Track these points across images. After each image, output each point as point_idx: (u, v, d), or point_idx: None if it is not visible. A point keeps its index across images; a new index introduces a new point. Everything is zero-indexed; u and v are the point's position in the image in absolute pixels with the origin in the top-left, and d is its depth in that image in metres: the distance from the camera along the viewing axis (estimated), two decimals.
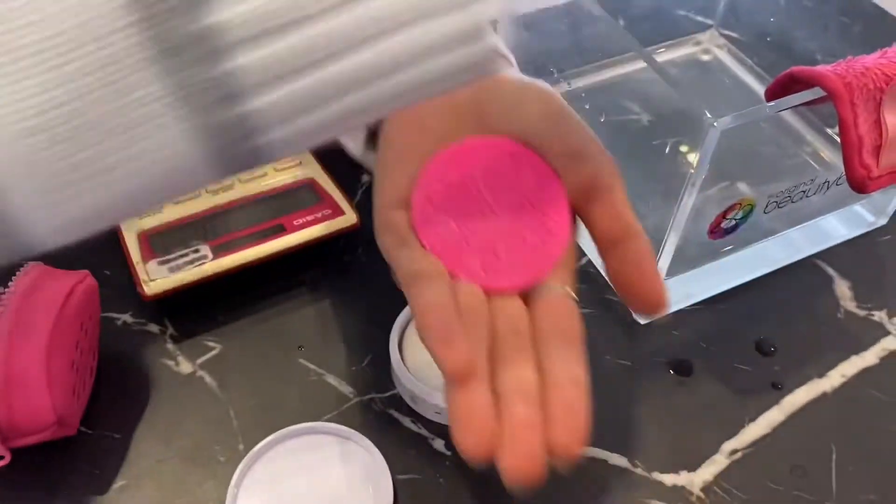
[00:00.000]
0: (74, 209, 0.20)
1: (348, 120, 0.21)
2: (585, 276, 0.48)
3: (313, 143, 0.22)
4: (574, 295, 0.31)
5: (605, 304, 0.47)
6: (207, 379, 0.43)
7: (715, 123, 0.34)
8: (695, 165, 0.36)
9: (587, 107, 0.49)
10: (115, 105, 0.19)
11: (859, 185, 0.38)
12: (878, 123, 0.37)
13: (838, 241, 0.50)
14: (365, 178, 0.53)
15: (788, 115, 0.50)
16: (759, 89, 0.56)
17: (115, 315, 0.45)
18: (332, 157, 0.53)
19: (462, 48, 0.21)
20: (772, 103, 0.36)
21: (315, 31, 0.19)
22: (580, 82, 0.52)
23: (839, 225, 0.50)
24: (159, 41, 0.18)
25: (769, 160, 0.46)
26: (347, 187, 0.52)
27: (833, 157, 0.48)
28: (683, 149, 0.45)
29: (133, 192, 0.21)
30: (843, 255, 0.50)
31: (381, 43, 0.20)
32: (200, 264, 0.44)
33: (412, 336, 0.42)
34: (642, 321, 0.46)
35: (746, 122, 0.36)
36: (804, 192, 0.43)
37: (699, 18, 0.61)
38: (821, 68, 0.36)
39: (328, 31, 0.19)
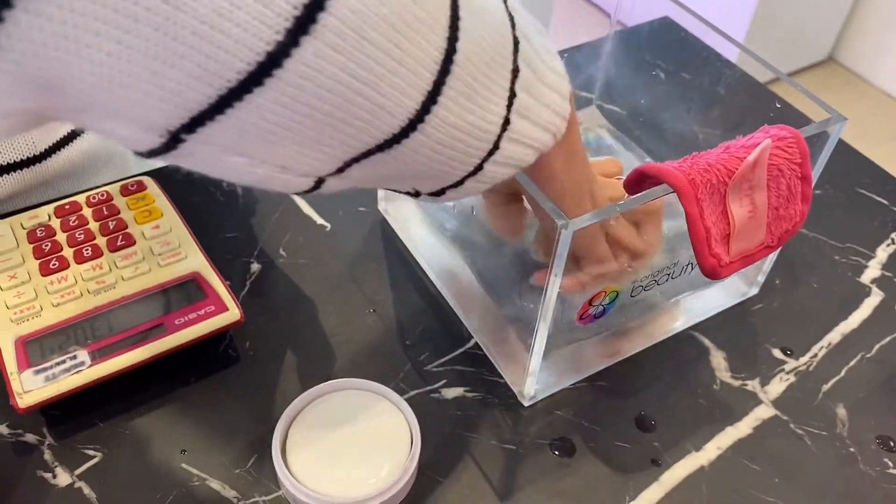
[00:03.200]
0: None
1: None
2: (472, 359, 0.49)
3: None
4: None
5: (490, 385, 0.48)
6: (86, 490, 0.42)
7: (566, 227, 0.36)
8: (553, 259, 0.38)
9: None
10: None
11: (711, 273, 0.40)
12: (725, 214, 0.40)
13: (713, 312, 0.52)
14: (254, 267, 0.53)
15: None
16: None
17: None
18: (219, 249, 0.53)
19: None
20: (622, 202, 0.38)
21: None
22: None
23: (713, 296, 0.52)
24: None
25: None
26: (235, 279, 0.52)
27: None
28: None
29: None
30: (718, 325, 0.52)
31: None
32: (78, 371, 0.43)
33: (295, 436, 0.42)
34: (525, 402, 0.47)
35: (599, 220, 0.37)
36: (668, 274, 0.45)
37: (583, 94, 0.63)
38: (667, 166, 0.38)
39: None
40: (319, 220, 0.57)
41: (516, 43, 0.31)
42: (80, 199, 0.53)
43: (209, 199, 0.58)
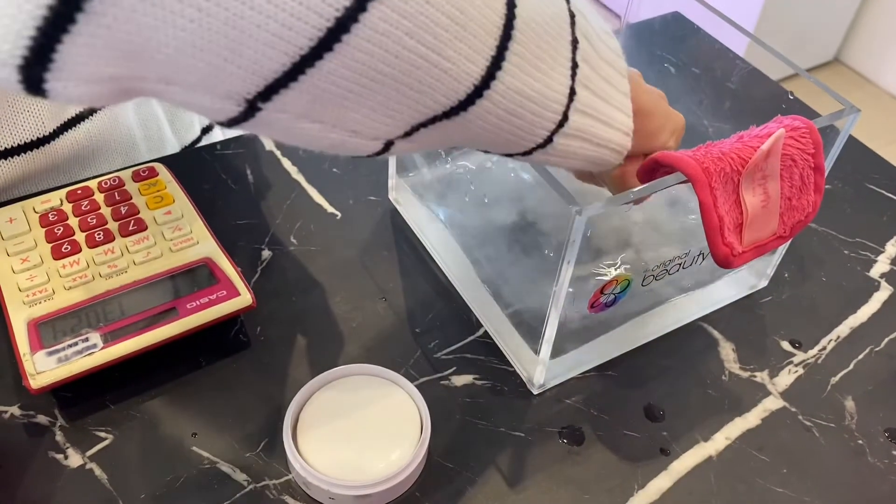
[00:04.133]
0: None
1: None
2: (481, 347, 0.49)
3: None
4: None
5: (499, 373, 0.48)
6: (97, 472, 0.42)
7: (580, 212, 0.36)
8: (566, 247, 0.38)
9: (473, 187, 0.51)
10: None
11: (723, 262, 0.40)
12: (738, 203, 0.40)
13: (722, 303, 0.52)
14: (265, 254, 0.53)
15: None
16: None
17: (1, 408, 0.44)
18: (231, 235, 0.53)
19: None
20: (635, 189, 0.38)
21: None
22: (462, 161, 0.53)
23: (723, 288, 0.52)
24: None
25: (649, 233, 0.48)
26: (246, 265, 0.52)
27: None
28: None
29: None
30: (728, 317, 0.52)
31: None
32: (90, 353, 0.43)
33: (306, 421, 0.42)
34: (535, 391, 0.47)
35: (612, 207, 0.37)
36: (680, 264, 0.45)
37: None
38: (681, 154, 0.38)
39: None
40: (330, 209, 0.57)
41: (573, 16, 0.32)
42: (92, 184, 0.53)
43: (220, 186, 0.58)
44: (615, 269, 0.42)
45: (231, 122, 0.27)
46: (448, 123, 0.30)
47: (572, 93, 0.32)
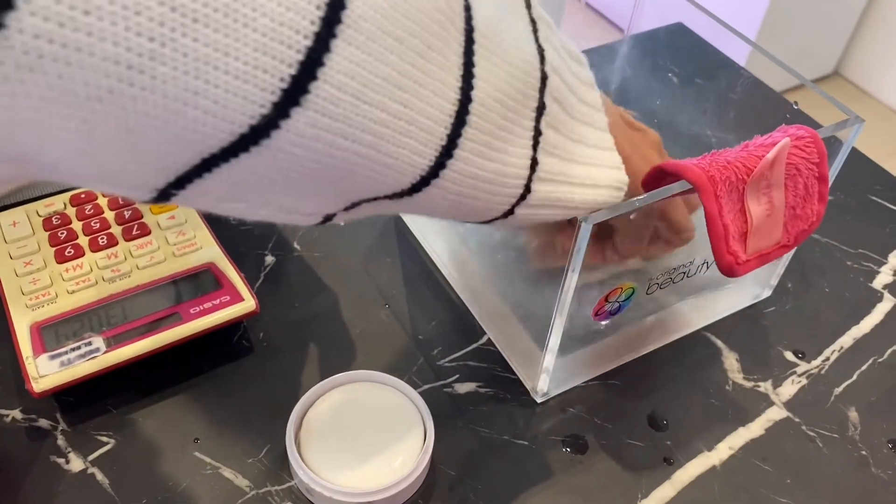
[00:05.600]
0: None
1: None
2: (485, 355, 0.49)
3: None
4: None
5: (503, 382, 0.48)
6: (99, 476, 0.42)
7: (586, 220, 0.36)
8: (571, 254, 0.38)
9: None
10: None
11: (728, 271, 0.40)
12: (743, 212, 0.40)
13: (726, 313, 0.52)
14: (268, 260, 0.53)
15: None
16: None
17: (2, 412, 0.44)
18: (234, 241, 0.53)
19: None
20: (642, 196, 0.38)
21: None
22: None
23: (727, 297, 0.52)
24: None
25: None
26: (249, 271, 0.52)
27: None
28: None
29: None
30: (731, 327, 0.52)
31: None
32: (93, 357, 0.43)
33: (309, 426, 0.42)
34: (538, 399, 0.47)
35: (617, 215, 0.37)
36: (684, 273, 0.45)
37: None
38: (686, 162, 0.38)
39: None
40: None
41: (544, 79, 0.29)
42: None
43: None
44: (619, 278, 0.42)
45: (145, 202, 0.25)
46: (393, 203, 0.28)
47: (534, 163, 0.30)
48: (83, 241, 0.50)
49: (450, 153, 0.26)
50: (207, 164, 0.22)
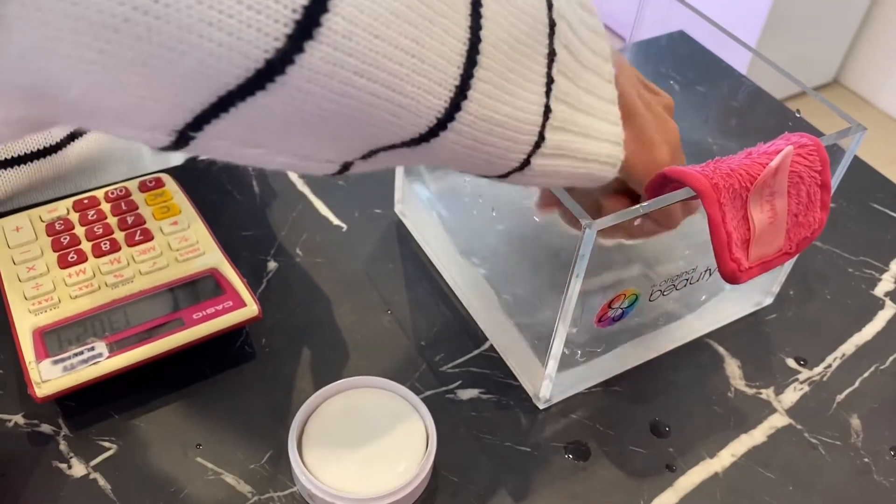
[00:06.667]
0: None
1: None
2: (487, 361, 0.49)
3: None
4: None
5: (505, 388, 0.48)
6: (101, 482, 0.42)
7: (590, 226, 0.36)
8: (574, 261, 0.38)
9: (480, 200, 0.51)
10: None
11: (731, 278, 0.40)
12: (746, 219, 0.40)
13: (728, 320, 0.52)
14: (271, 266, 0.53)
15: None
16: None
17: (5, 417, 0.44)
18: (237, 246, 0.53)
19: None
20: (645, 203, 0.38)
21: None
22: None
23: (729, 304, 0.52)
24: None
25: (658, 248, 0.48)
26: (251, 276, 0.52)
27: None
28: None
29: None
30: (733, 334, 0.52)
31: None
32: (95, 363, 0.43)
33: (312, 432, 0.42)
34: (540, 405, 0.47)
35: (621, 221, 0.37)
36: (687, 280, 0.45)
37: None
38: (690, 169, 0.38)
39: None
40: (336, 221, 0.57)
41: (552, 25, 0.29)
42: (99, 193, 0.53)
43: (227, 198, 0.58)
44: (623, 284, 0.42)
45: (165, 149, 0.25)
46: (410, 150, 0.28)
47: (547, 110, 0.30)
48: (86, 246, 0.50)
49: (464, 93, 0.26)
50: (224, 103, 0.23)
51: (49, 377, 0.42)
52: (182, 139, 0.24)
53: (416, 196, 0.55)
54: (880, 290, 0.56)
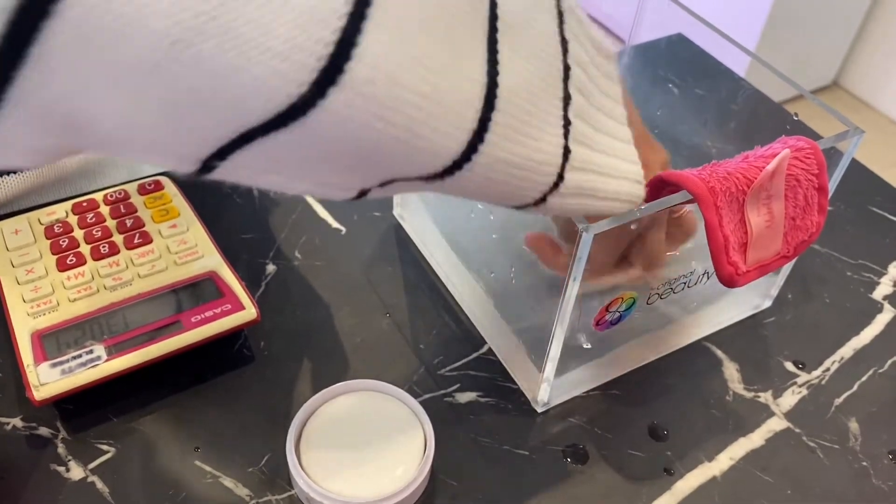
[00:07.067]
0: None
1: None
2: (485, 364, 0.49)
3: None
4: None
5: (503, 391, 0.48)
6: (99, 485, 0.42)
7: (587, 229, 0.36)
8: (572, 264, 0.38)
9: (480, 206, 0.51)
10: None
11: (728, 281, 0.40)
12: (743, 222, 0.40)
13: (726, 323, 0.52)
14: (269, 268, 0.53)
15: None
16: None
17: (3, 420, 0.44)
18: (235, 249, 0.53)
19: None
20: (642, 206, 0.38)
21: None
22: None
23: (727, 308, 0.52)
24: None
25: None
26: (250, 279, 0.52)
27: None
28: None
29: None
30: (731, 337, 0.52)
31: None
32: (94, 366, 0.43)
33: (310, 435, 0.42)
34: (539, 409, 0.47)
35: (619, 224, 0.37)
36: (684, 283, 0.45)
37: None
38: (686, 173, 0.39)
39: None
40: (335, 224, 0.57)
41: (567, 70, 0.30)
42: (98, 196, 0.53)
43: (226, 201, 0.58)
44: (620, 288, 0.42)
45: (191, 176, 0.26)
46: (426, 184, 0.29)
47: (567, 151, 0.31)
48: (85, 249, 0.50)
49: (481, 137, 0.27)
50: (246, 137, 0.23)
51: (47, 380, 0.42)
52: (206, 168, 0.25)
53: (415, 200, 0.55)
54: (879, 293, 0.56)
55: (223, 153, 0.24)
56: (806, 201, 0.42)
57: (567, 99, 0.30)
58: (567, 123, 0.30)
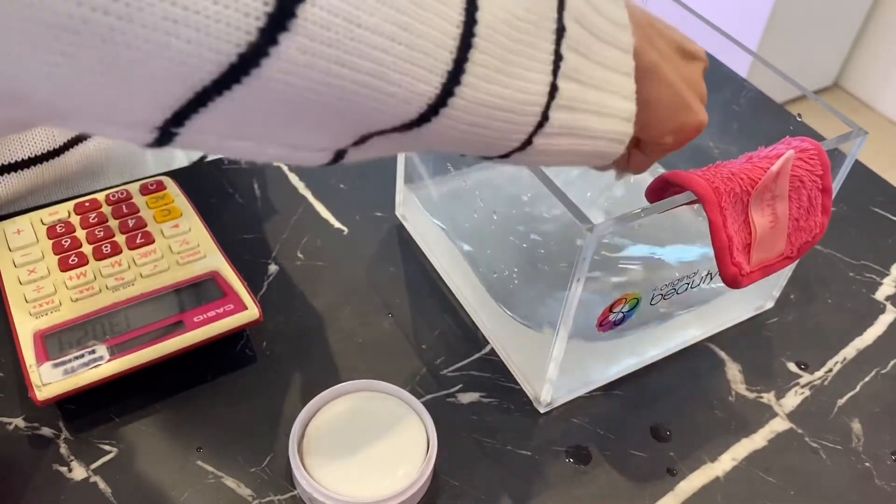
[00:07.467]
0: None
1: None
2: (488, 364, 0.49)
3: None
4: None
5: (506, 391, 0.48)
6: (101, 485, 0.42)
7: (591, 229, 0.36)
8: (576, 264, 0.38)
9: (482, 203, 0.51)
10: None
11: (732, 282, 0.40)
12: (747, 223, 0.40)
13: (729, 324, 0.52)
14: (271, 269, 0.53)
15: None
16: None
17: (5, 420, 0.44)
18: (238, 249, 0.53)
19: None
20: (646, 207, 0.38)
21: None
22: (473, 176, 0.53)
23: (730, 308, 0.52)
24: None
25: (660, 252, 0.48)
26: (252, 280, 0.52)
27: None
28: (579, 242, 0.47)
29: None
30: (734, 338, 0.52)
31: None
32: (96, 366, 0.43)
33: (312, 436, 0.42)
34: (541, 409, 0.47)
35: (622, 224, 0.37)
36: (688, 283, 0.45)
37: None
38: (691, 173, 0.39)
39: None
40: (337, 224, 0.57)
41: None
42: (100, 196, 0.53)
43: (228, 201, 0.58)
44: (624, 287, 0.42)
45: (151, 146, 0.24)
46: (403, 136, 0.27)
47: (553, 89, 0.28)
48: (87, 249, 0.50)
49: (457, 79, 0.25)
50: (201, 98, 0.22)
51: (49, 380, 0.42)
52: (165, 136, 0.23)
53: (417, 199, 0.55)
54: (881, 294, 0.56)
55: (179, 118, 0.22)
56: (810, 202, 0.42)
57: (561, 31, 0.28)
58: (558, 58, 0.28)
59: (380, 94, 0.24)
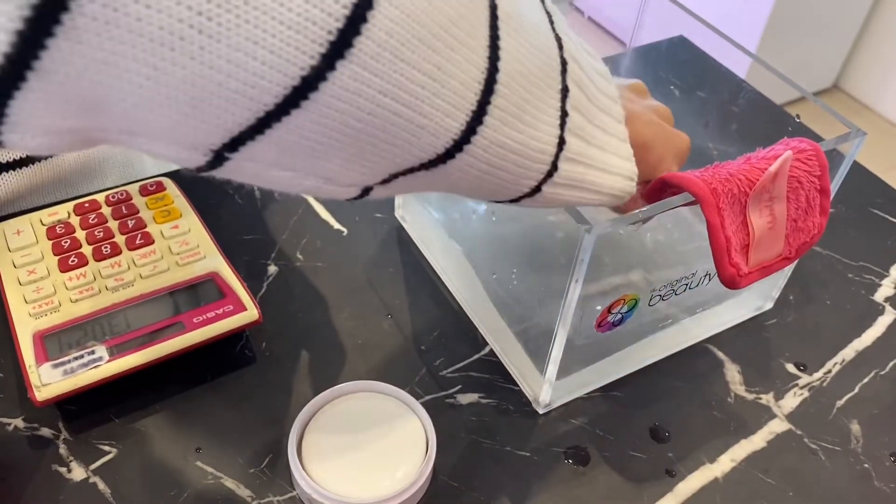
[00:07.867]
0: None
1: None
2: (487, 365, 0.49)
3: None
4: None
5: (505, 392, 0.48)
6: (101, 486, 0.42)
7: (590, 231, 0.36)
8: (575, 265, 0.38)
9: (481, 205, 0.51)
10: None
11: (730, 283, 0.40)
12: (745, 224, 0.40)
13: (728, 325, 0.52)
14: (271, 270, 0.53)
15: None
16: None
17: (5, 420, 0.44)
18: (237, 250, 0.53)
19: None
20: (644, 208, 0.38)
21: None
22: None
23: (728, 309, 0.52)
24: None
25: (658, 253, 0.48)
26: (252, 280, 0.52)
27: None
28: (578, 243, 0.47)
29: None
30: (733, 339, 0.52)
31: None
32: (96, 366, 0.43)
33: (311, 436, 0.42)
34: (540, 410, 0.47)
35: (620, 226, 0.37)
36: (686, 285, 0.45)
37: None
38: (689, 175, 0.39)
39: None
40: (336, 225, 0.57)
41: (564, 64, 0.31)
42: (100, 197, 0.53)
43: (227, 202, 0.58)
44: (623, 289, 0.42)
45: (199, 170, 0.26)
46: (427, 174, 0.29)
47: (561, 142, 0.32)
48: (87, 250, 0.50)
49: (480, 119, 0.28)
50: (261, 125, 0.24)
51: (49, 381, 0.42)
52: (217, 159, 0.25)
53: (417, 201, 0.55)
54: (880, 295, 0.56)
55: (236, 143, 0.25)
56: (808, 203, 0.42)
57: (565, 91, 0.31)
58: (564, 115, 0.31)
59: (413, 126, 0.26)
